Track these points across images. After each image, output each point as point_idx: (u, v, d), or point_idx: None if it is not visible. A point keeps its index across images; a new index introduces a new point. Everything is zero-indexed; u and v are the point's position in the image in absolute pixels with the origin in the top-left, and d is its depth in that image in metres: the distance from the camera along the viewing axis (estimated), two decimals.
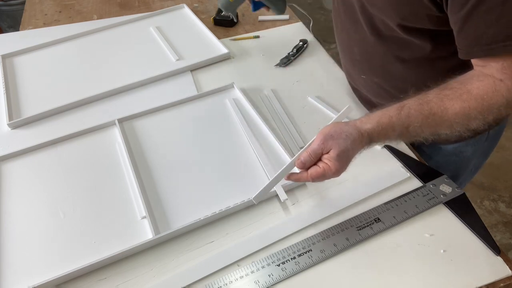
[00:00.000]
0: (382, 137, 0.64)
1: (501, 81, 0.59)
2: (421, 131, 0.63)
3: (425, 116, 0.62)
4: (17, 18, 2.09)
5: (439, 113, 0.62)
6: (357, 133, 0.63)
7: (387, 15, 0.70)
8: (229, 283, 0.61)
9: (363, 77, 0.87)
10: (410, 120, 0.63)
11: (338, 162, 0.61)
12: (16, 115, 0.96)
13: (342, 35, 0.87)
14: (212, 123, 0.89)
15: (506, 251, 1.64)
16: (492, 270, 0.60)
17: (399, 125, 0.63)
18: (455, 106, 0.61)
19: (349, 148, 0.62)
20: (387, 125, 0.63)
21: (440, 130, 0.63)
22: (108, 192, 0.76)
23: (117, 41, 1.21)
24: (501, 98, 0.59)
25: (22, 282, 0.64)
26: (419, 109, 0.63)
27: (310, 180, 0.63)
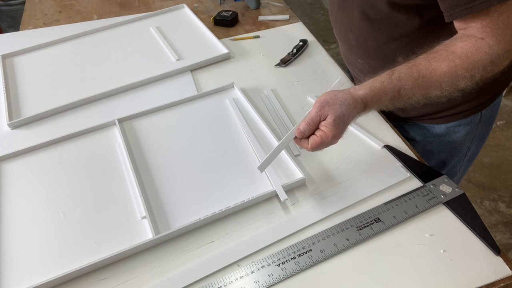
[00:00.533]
0: (375, 102, 0.67)
1: (482, 39, 0.63)
2: (412, 94, 0.67)
3: (414, 78, 0.66)
4: (17, 18, 2.10)
5: (428, 74, 0.65)
6: (351, 99, 0.65)
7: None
8: (229, 283, 0.61)
9: (360, 62, 0.89)
10: (401, 83, 0.66)
11: (335, 128, 0.63)
12: (16, 115, 0.96)
13: (337, 23, 0.90)
14: (212, 123, 0.89)
15: (506, 251, 1.64)
16: (492, 270, 0.60)
17: (391, 88, 0.66)
18: (442, 66, 0.65)
19: (344, 113, 0.64)
20: (379, 89, 0.66)
21: (431, 91, 0.67)
22: (108, 192, 0.76)
23: (117, 41, 1.21)
24: (484, 55, 0.62)
25: (22, 282, 0.64)
26: (408, 72, 0.66)
27: (310, 150, 0.65)
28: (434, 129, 0.91)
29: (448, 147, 0.93)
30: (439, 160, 0.96)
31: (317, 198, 0.73)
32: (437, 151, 0.94)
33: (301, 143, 0.66)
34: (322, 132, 0.64)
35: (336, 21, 0.90)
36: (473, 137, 0.93)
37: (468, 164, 1.01)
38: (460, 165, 1.00)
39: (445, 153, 0.94)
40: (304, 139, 0.66)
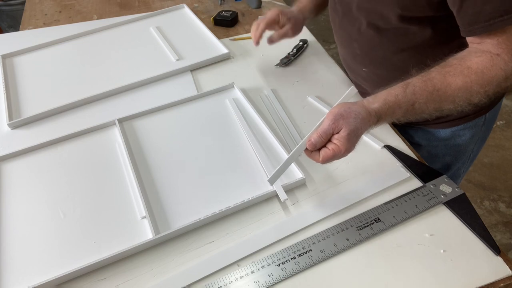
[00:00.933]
0: (389, 115, 0.66)
1: (498, 56, 0.62)
2: (426, 107, 0.66)
3: (429, 92, 0.65)
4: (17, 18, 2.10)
5: (443, 88, 0.65)
6: (365, 112, 0.64)
7: (388, 7, 0.72)
8: (229, 283, 0.61)
9: (364, 70, 0.88)
10: (416, 97, 0.65)
11: (348, 142, 0.62)
12: (16, 115, 0.96)
13: (340, 31, 0.89)
14: (212, 123, 0.89)
15: (506, 251, 1.64)
16: (492, 270, 0.60)
17: (405, 102, 0.65)
18: (457, 81, 0.64)
19: (358, 127, 0.63)
20: (393, 103, 0.65)
21: (444, 105, 0.66)
22: (108, 192, 0.76)
23: (117, 41, 1.21)
24: (499, 71, 0.62)
25: (22, 282, 0.64)
26: (423, 86, 0.65)
27: (320, 162, 0.64)
28: (439, 133, 0.90)
29: (453, 150, 0.93)
30: (444, 164, 0.95)
31: (317, 198, 0.73)
32: (442, 154, 0.93)
33: (312, 156, 0.65)
34: (334, 146, 0.62)
35: (340, 29, 0.89)
36: (477, 139, 0.92)
37: (470, 165, 1.01)
38: (464, 167, 0.99)
39: (450, 156, 0.94)
40: (315, 152, 0.64)
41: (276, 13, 0.91)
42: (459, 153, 0.94)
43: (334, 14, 0.89)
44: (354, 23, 0.82)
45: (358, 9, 0.79)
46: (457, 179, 1.02)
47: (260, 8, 1.34)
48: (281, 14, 0.91)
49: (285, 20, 0.92)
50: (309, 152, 0.65)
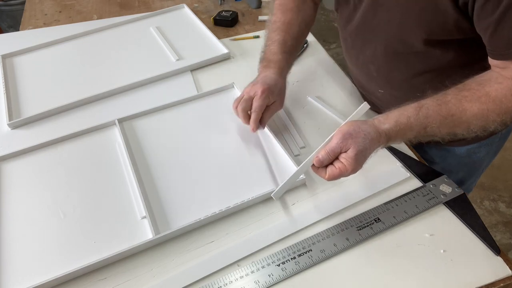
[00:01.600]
0: (399, 137, 0.65)
1: None
2: (438, 132, 0.64)
3: (443, 117, 0.63)
4: (17, 18, 2.09)
5: (458, 114, 0.62)
6: (375, 133, 0.63)
7: (411, 32, 0.69)
8: (229, 283, 0.61)
9: (380, 92, 0.85)
10: (428, 120, 0.63)
11: (356, 162, 0.61)
12: (16, 115, 0.96)
13: (352, 52, 0.86)
14: (212, 123, 0.89)
15: (506, 251, 1.64)
16: (492, 270, 0.60)
17: (417, 125, 0.64)
18: (474, 108, 0.61)
19: (367, 148, 0.62)
20: (405, 125, 0.64)
21: (458, 131, 0.64)
22: (108, 192, 0.76)
23: (117, 41, 1.21)
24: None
25: (22, 282, 0.64)
26: (437, 110, 0.63)
27: (327, 179, 0.63)
28: (455, 151, 0.88)
29: (467, 167, 0.91)
30: (457, 180, 0.92)
31: (317, 198, 0.73)
32: (455, 171, 0.91)
33: (318, 172, 0.65)
34: (341, 165, 0.62)
35: (353, 49, 0.85)
36: (492, 153, 0.91)
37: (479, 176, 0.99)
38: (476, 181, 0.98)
39: (464, 173, 0.92)
40: (322, 168, 0.64)
41: (264, 97, 0.77)
42: (473, 170, 0.92)
43: (345, 34, 0.85)
44: (369, 46, 0.79)
45: (374, 33, 0.75)
46: (468, 192, 1.00)
47: (260, 8, 1.34)
48: (271, 95, 0.79)
49: (274, 97, 0.80)
50: (316, 168, 0.65)
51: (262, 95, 0.77)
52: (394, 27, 0.71)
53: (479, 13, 0.60)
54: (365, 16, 0.75)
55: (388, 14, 0.70)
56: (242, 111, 0.79)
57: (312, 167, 0.65)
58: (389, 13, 0.70)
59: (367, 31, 0.77)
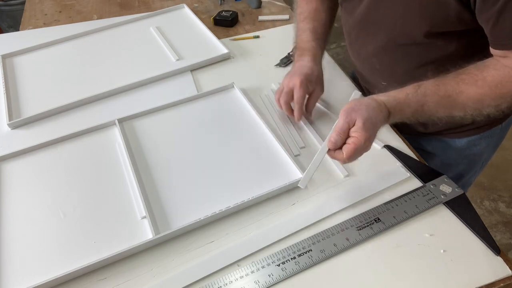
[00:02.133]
0: (398, 112, 0.67)
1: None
2: (435, 111, 0.66)
3: (440, 97, 0.65)
4: (17, 18, 2.10)
5: (454, 95, 0.65)
6: (375, 103, 0.66)
7: (414, 25, 0.70)
8: (229, 283, 0.61)
9: (383, 84, 0.86)
10: (426, 99, 0.66)
11: (366, 131, 0.63)
12: (16, 115, 0.96)
13: (356, 45, 0.87)
14: (212, 123, 0.89)
15: (506, 251, 1.64)
16: (492, 270, 0.60)
17: (415, 102, 0.66)
18: (470, 91, 0.64)
19: (371, 116, 0.64)
20: (403, 100, 0.66)
21: (454, 112, 0.66)
22: (108, 192, 0.76)
23: (117, 41, 1.21)
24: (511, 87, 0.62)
25: (22, 282, 0.64)
26: (435, 90, 0.66)
27: (346, 159, 0.64)
28: (455, 143, 0.89)
29: (467, 159, 0.91)
30: (457, 173, 0.94)
31: (317, 198, 0.73)
32: (456, 164, 0.92)
33: (336, 155, 0.65)
34: (354, 139, 0.63)
35: (356, 43, 0.86)
36: (492, 147, 0.91)
37: (480, 171, 0.99)
38: (476, 175, 0.98)
39: (464, 165, 0.93)
40: (338, 150, 0.64)
41: (304, 87, 0.80)
42: (473, 162, 0.93)
43: (349, 28, 0.86)
44: (372, 39, 0.80)
45: (377, 26, 0.77)
46: (467, 186, 1.00)
47: (260, 8, 1.34)
48: (309, 84, 0.81)
49: (313, 86, 0.83)
50: (333, 152, 0.65)
51: (301, 86, 0.80)
52: (397, 20, 0.72)
53: (481, 5, 0.61)
54: (368, 9, 0.76)
55: (391, 7, 0.71)
56: (285, 104, 0.82)
57: (329, 153, 0.66)
58: (392, 6, 0.71)
59: (370, 24, 0.79)
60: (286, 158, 0.79)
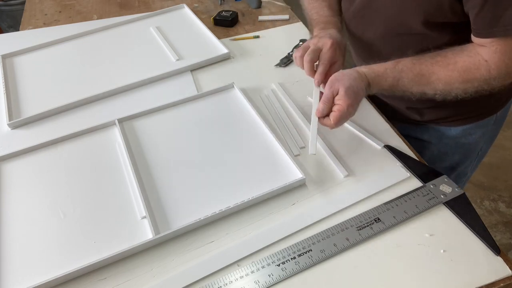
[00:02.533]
0: (376, 84, 0.73)
1: (486, 62, 0.66)
2: (410, 87, 0.72)
3: (414, 75, 0.71)
4: (17, 18, 2.10)
5: (427, 75, 0.70)
6: (356, 73, 0.72)
7: (410, 15, 0.74)
8: (229, 283, 0.61)
9: None
10: (401, 75, 0.71)
11: (348, 98, 0.68)
12: (16, 115, 0.96)
13: (355, 34, 0.89)
14: (212, 123, 0.89)
15: (506, 251, 1.64)
16: (492, 270, 0.60)
17: (391, 76, 0.72)
18: (441, 73, 0.69)
19: (353, 84, 0.70)
20: (381, 74, 0.72)
21: (426, 90, 0.72)
22: (108, 192, 0.76)
23: (117, 41, 1.21)
24: (480, 75, 0.67)
25: (22, 282, 0.64)
26: (411, 67, 0.71)
27: (334, 125, 0.70)
28: (450, 131, 0.91)
29: (463, 148, 0.93)
30: (452, 162, 0.96)
31: (317, 198, 0.73)
32: (451, 153, 0.94)
33: (324, 122, 0.71)
34: (338, 106, 0.69)
35: (355, 32, 0.89)
36: (487, 137, 0.93)
37: (477, 164, 1.01)
38: (471, 166, 1.00)
39: (459, 155, 0.94)
40: (326, 118, 0.71)
41: (334, 48, 0.76)
42: (468, 152, 0.95)
43: (349, 17, 0.88)
44: (370, 28, 0.83)
45: (375, 16, 0.79)
46: (463, 177, 1.02)
47: (260, 8, 1.34)
48: (338, 50, 0.77)
49: (339, 55, 0.79)
50: (322, 120, 0.71)
51: (332, 47, 0.76)
52: (395, 10, 0.76)
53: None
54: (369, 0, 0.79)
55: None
56: (310, 62, 0.76)
57: (319, 121, 0.72)
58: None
59: (369, 14, 0.81)
60: (286, 158, 0.79)
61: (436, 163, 0.95)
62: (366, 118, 0.87)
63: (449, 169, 0.97)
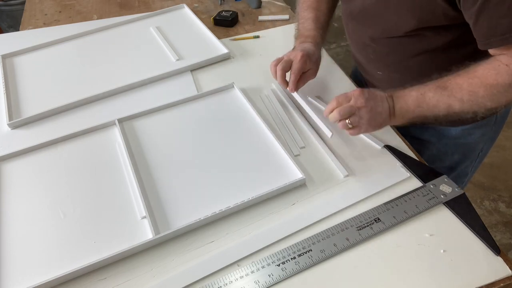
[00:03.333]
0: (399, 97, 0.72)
1: (506, 66, 0.64)
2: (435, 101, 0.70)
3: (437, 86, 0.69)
4: (17, 18, 2.10)
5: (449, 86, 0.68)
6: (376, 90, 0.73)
7: (404, 19, 0.73)
8: (229, 283, 0.61)
9: (379, 73, 0.89)
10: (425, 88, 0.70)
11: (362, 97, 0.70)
12: (16, 115, 0.96)
13: (353, 36, 0.90)
14: (212, 123, 0.89)
15: (506, 251, 1.64)
16: (492, 270, 0.60)
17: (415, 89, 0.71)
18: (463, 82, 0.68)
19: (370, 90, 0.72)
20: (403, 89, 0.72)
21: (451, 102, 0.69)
22: (108, 192, 0.76)
23: (117, 41, 1.21)
24: (502, 81, 0.64)
25: (22, 282, 0.64)
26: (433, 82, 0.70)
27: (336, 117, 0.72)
28: (450, 131, 0.91)
29: (463, 148, 0.93)
30: (452, 162, 0.96)
31: (317, 198, 0.73)
32: (451, 153, 0.94)
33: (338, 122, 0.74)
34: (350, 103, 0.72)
35: (353, 33, 0.90)
36: (487, 138, 0.93)
37: (478, 165, 1.01)
38: (472, 166, 1.00)
39: (459, 155, 0.94)
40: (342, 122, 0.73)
41: (304, 60, 0.84)
42: (468, 152, 0.94)
43: (347, 19, 0.89)
44: (366, 30, 0.83)
45: (372, 19, 0.80)
46: (464, 177, 1.02)
47: (260, 8, 1.34)
48: (308, 61, 0.85)
49: (311, 65, 0.86)
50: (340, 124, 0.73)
51: (301, 59, 0.83)
52: (390, 13, 0.75)
53: (463, 4, 0.64)
54: (364, 2, 0.79)
55: (385, 1, 0.75)
56: (282, 70, 0.84)
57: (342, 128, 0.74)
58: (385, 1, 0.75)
59: (366, 17, 0.81)
60: (286, 158, 0.79)
61: (436, 162, 0.95)
62: None
63: (449, 169, 0.97)
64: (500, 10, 0.60)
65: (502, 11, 0.60)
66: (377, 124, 0.72)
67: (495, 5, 0.60)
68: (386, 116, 0.72)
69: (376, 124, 0.73)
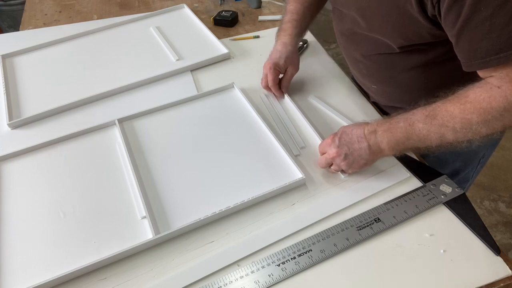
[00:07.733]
0: (384, 129, 0.69)
1: (498, 88, 0.60)
2: (426, 132, 0.65)
3: (426, 115, 0.65)
4: (17, 18, 2.10)
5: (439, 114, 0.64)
6: (359, 123, 0.73)
7: (390, 38, 0.73)
8: (229, 283, 0.61)
9: (374, 87, 0.90)
10: (412, 117, 0.67)
11: (332, 140, 0.73)
12: (16, 115, 0.96)
13: (345, 51, 0.91)
14: (212, 123, 0.89)
15: (506, 251, 1.64)
16: (492, 270, 0.60)
17: (402, 119, 0.68)
18: (454, 109, 0.63)
19: (345, 130, 0.73)
20: (390, 117, 0.70)
21: (444, 132, 0.64)
22: (108, 192, 0.76)
23: (117, 41, 1.21)
24: (496, 103, 0.60)
25: (22, 282, 0.64)
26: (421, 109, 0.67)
27: (322, 164, 0.76)
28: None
29: (464, 156, 0.92)
30: (453, 169, 0.95)
31: (317, 198, 0.73)
32: (452, 160, 0.93)
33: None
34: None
35: (345, 49, 0.91)
36: (489, 145, 0.92)
37: (480, 170, 1.00)
38: (473, 172, 0.99)
39: (460, 162, 0.93)
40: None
41: (272, 71, 0.90)
42: (469, 159, 0.94)
43: (338, 35, 0.90)
44: (357, 48, 0.84)
45: (361, 37, 0.80)
46: (465, 183, 1.01)
47: (260, 8, 1.34)
48: (279, 67, 0.91)
49: (285, 67, 0.92)
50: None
51: (270, 71, 0.91)
52: (377, 33, 0.75)
53: (445, 25, 0.62)
54: (352, 22, 0.79)
55: (372, 21, 0.74)
56: (265, 88, 0.95)
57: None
58: (372, 21, 0.74)
59: (355, 35, 0.82)
60: (286, 158, 0.79)
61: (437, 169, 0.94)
62: (366, 118, 0.87)
63: (450, 175, 0.96)
64: (479, 32, 0.57)
65: (482, 33, 0.57)
66: (360, 165, 0.72)
67: (474, 27, 0.57)
68: (368, 155, 0.70)
69: (360, 165, 0.72)
